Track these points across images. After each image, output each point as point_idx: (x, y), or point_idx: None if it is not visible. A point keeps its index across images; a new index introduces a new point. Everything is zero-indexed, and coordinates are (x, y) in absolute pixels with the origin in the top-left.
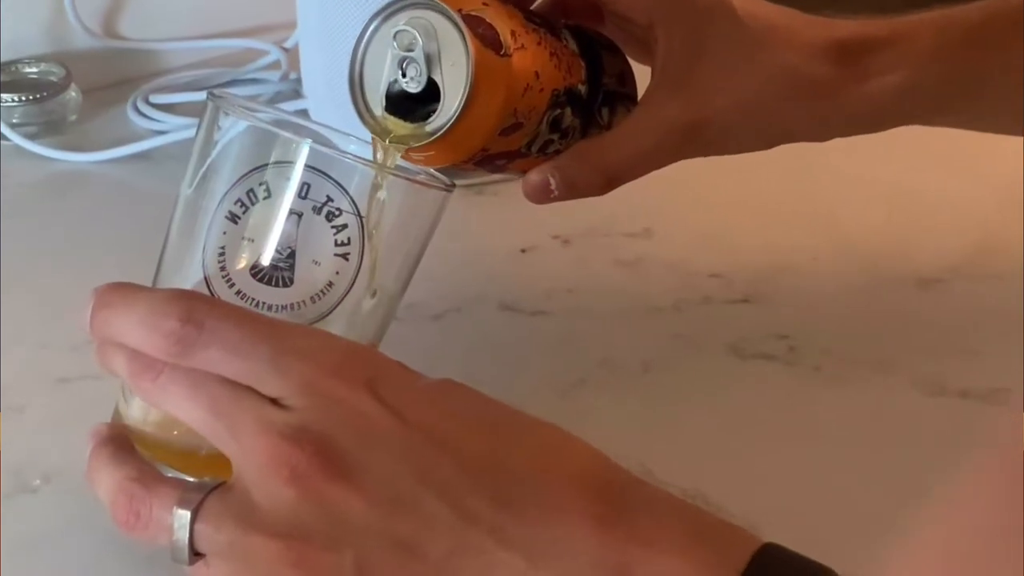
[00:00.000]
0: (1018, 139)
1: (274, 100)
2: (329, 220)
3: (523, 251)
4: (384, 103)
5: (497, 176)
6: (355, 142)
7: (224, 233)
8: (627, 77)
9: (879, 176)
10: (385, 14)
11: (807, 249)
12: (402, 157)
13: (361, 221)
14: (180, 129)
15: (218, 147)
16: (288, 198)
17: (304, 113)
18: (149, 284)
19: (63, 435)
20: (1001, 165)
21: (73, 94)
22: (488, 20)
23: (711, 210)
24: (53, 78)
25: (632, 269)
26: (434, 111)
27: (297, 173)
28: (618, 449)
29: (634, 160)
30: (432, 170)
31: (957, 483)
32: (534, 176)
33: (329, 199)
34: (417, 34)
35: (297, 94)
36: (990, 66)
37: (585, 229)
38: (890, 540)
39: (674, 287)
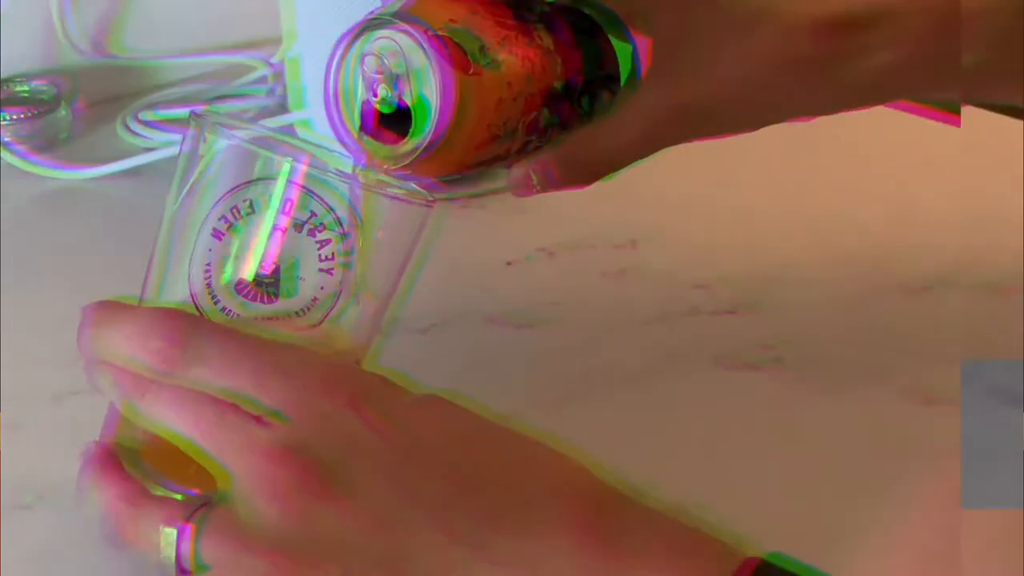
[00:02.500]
0: (1014, 146)
1: (263, 114)
2: (312, 236)
3: (509, 263)
4: (359, 123)
5: (482, 187)
6: (339, 157)
7: (209, 250)
8: (607, 59)
9: (866, 185)
10: (352, 35)
11: (793, 259)
12: (383, 172)
13: (344, 236)
14: (171, 145)
15: (201, 164)
16: (271, 214)
17: (291, 128)
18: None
19: (58, 451)
20: (993, 173)
21: (64, 112)
22: (456, 40)
23: (697, 221)
24: (44, 96)
25: (618, 281)
26: (409, 131)
27: (279, 190)
28: (604, 462)
29: (617, 152)
30: (414, 185)
31: (949, 492)
32: (516, 171)
33: (313, 215)
34: (384, 58)
35: (284, 108)
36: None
37: (571, 241)
38: (882, 549)
39: (660, 299)
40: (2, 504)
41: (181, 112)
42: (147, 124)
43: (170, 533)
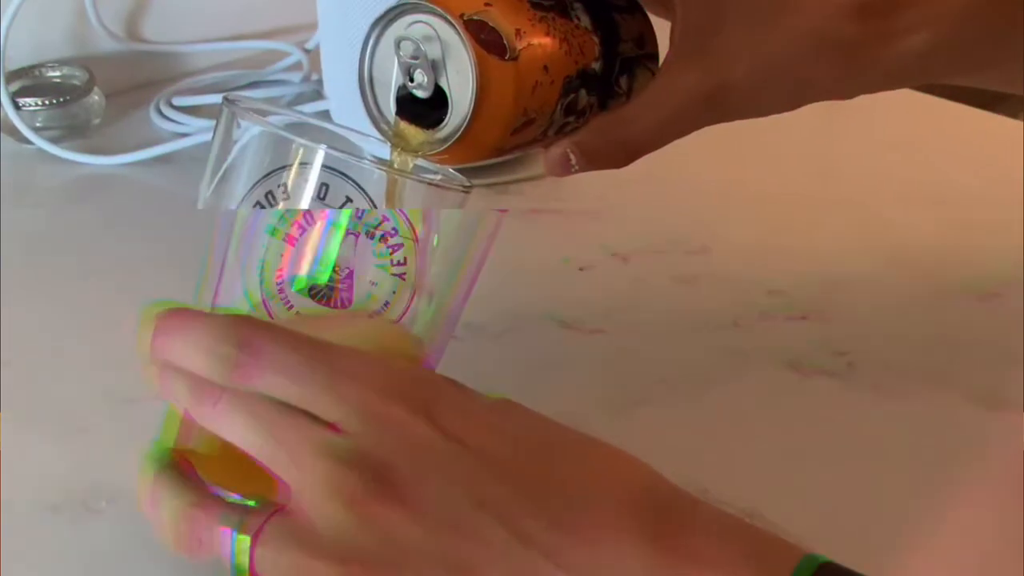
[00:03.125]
0: None
1: (296, 101)
2: (384, 241)
3: (581, 269)
4: (395, 108)
5: (521, 174)
6: (373, 143)
7: (265, 247)
8: (647, 38)
9: (936, 189)
10: (386, 20)
11: (865, 264)
12: (420, 156)
13: (415, 242)
14: (203, 131)
15: (235, 150)
16: (306, 201)
17: (326, 114)
18: (179, 283)
19: (129, 455)
20: None
21: (96, 97)
22: (491, 23)
23: (768, 226)
24: (76, 82)
25: (690, 286)
26: (445, 115)
27: (314, 176)
28: (676, 468)
29: (654, 132)
30: (451, 170)
31: (1014, 496)
32: (554, 151)
33: (348, 200)
34: (419, 42)
35: (319, 95)
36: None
37: (643, 246)
38: (950, 558)
39: (732, 304)
40: (75, 509)
41: (215, 98)
42: (181, 110)
43: (244, 540)
